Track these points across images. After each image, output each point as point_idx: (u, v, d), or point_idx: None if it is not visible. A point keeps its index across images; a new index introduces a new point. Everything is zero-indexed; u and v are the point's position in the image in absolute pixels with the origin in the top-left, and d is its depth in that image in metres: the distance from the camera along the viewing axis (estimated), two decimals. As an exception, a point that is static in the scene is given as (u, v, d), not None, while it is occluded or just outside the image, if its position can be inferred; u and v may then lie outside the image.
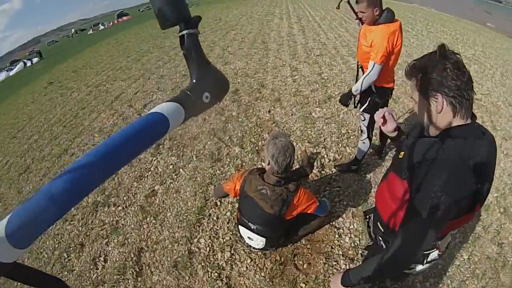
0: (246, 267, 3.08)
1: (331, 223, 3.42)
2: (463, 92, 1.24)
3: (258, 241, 2.81)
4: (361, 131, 3.71)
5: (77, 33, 62.65)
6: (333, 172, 4.19)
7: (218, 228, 3.55)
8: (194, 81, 0.70)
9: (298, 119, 5.55)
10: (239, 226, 2.93)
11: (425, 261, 1.62)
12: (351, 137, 4.88)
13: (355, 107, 3.56)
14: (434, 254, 1.60)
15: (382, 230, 1.71)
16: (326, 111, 5.74)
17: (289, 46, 10.90)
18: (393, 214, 1.51)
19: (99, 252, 3.59)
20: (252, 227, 2.72)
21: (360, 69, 3.48)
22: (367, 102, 3.41)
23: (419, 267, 1.65)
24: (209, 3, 45.95)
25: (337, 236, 3.30)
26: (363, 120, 3.58)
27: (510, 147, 4.76)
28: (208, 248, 3.33)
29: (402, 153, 1.48)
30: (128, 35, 23.26)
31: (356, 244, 3.17)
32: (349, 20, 15.64)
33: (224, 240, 3.39)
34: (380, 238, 1.76)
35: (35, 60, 30.04)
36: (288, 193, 2.48)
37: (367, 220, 2.01)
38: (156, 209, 4.00)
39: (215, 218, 3.68)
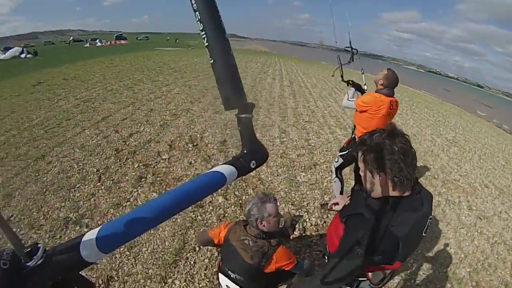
0: None
1: None
2: (405, 173, 1.40)
3: None
4: (331, 171, 4.52)
5: (74, 42, 62.49)
6: (314, 236, 4.27)
7: (194, 272, 3.51)
8: (245, 151, 0.91)
9: (283, 181, 5.68)
10: (219, 274, 2.95)
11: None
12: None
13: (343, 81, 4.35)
14: (365, 285, 1.72)
15: (327, 256, 1.99)
16: (311, 177, 5.91)
17: (279, 108, 11.31)
18: (334, 247, 1.62)
19: (63, 272, 3.45)
20: (232, 276, 2.74)
21: (354, 129, 4.26)
22: (347, 151, 4.24)
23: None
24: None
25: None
26: (336, 162, 4.41)
27: (484, 226, 5.11)
28: (183, 291, 3.27)
29: (348, 202, 1.76)
30: (123, 59, 23.42)
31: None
32: (338, 91, 16.37)
33: (200, 286, 3.36)
34: (326, 259, 2.07)
35: (29, 55, 29.49)
36: (269, 247, 2.57)
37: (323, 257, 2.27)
38: (131, 241, 3.89)
39: (192, 262, 3.64)
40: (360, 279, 1.71)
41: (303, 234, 4.33)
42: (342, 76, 4.50)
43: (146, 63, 22.14)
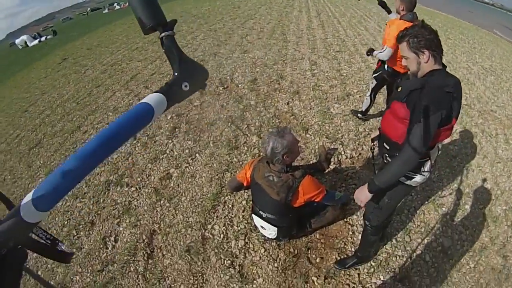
0: (260, 257, 3.14)
1: (345, 219, 3.46)
2: (440, 48, 1.95)
3: (270, 231, 2.90)
4: (368, 89, 4.87)
5: (92, 11, 62.97)
6: (350, 169, 4.23)
7: (233, 216, 3.61)
8: (175, 74, 0.80)
9: (316, 114, 5.59)
10: (253, 215, 3.03)
11: (422, 170, 2.16)
12: (368, 135, 4.90)
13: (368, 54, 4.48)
14: (427, 165, 2.15)
15: (388, 148, 2.28)
16: (345, 108, 5.76)
17: (308, 40, 10.88)
18: (397, 130, 2.09)
19: (109, 231, 3.67)
20: (263, 215, 2.82)
21: None
22: (378, 73, 4.53)
23: (418, 178, 2.19)
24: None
25: (350, 233, 3.36)
26: (372, 83, 4.72)
27: (522, 162, 4.78)
28: (222, 235, 3.39)
29: (400, 87, 2.11)
30: (144, 16, 23.22)
31: (369, 243, 3.20)
32: (368, 18, 15.60)
33: (239, 228, 3.45)
34: (387, 155, 2.32)
35: (49, 36, 30.20)
36: (294, 180, 2.57)
37: (372, 145, 2.63)
38: (170, 192, 4.07)
39: (230, 206, 3.74)
40: (424, 159, 2.13)
41: (339, 168, 4.28)
42: None
43: (167, 14, 21.45)
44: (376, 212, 2.53)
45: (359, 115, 5.26)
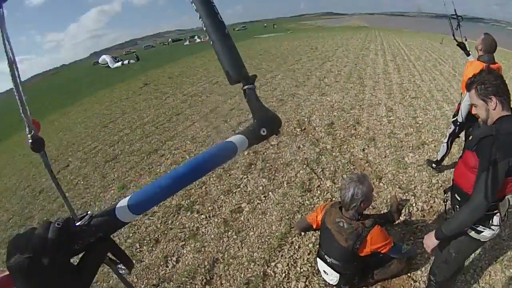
0: None
1: (409, 274, 3.32)
2: (507, 93, 1.96)
3: (332, 276, 2.88)
4: (445, 135, 4.88)
5: (173, 42, 66.75)
6: (420, 222, 4.09)
7: (297, 257, 3.60)
8: (255, 120, 0.96)
9: (390, 162, 5.50)
10: (317, 259, 3.04)
11: (490, 224, 2.13)
12: (441, 187, 4.70)
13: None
14: (496, 219, 2.12)
15: (459, 199, 2.29)
16: (419, 158, 5.60)
17: (384, 85, 10.87)
18: (469, 180, 2.06)
19: (173, 251, 3.83)
20: (328, 260, 2.81)
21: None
22: (456, 117, 4.48)
23: (487, 232, 2.16)
24: (304, 30, 47.11)
25: (412, 288, 3.26)
26: (450, 129, 4.66)
27: None
28: (283, 274, 3.40)
29: (471, 136, 2.15)
30: (224, 51, 24.31)
31: (429, 302, 3.06)
32: (443, 62, 15.26)
33: (301, 270, 3.44)
34: (457, 207, 2.34)
35: (132, 61, 32.38)
36: (363, 229, 2.57)
37: (445, 196, 2.68)
38: (239, 225, 4.17)
39: (296, 247, 3.74)
40: (492, 212, 2.10)
41: (409, 220, 4.16)
42: (456, 39, 4.80)
43: (247, 52, 23.11)
44: (442, 266, 2.54)
45: (433, 165, 5.14)
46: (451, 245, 2.41)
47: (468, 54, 4.65)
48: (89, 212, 0.68)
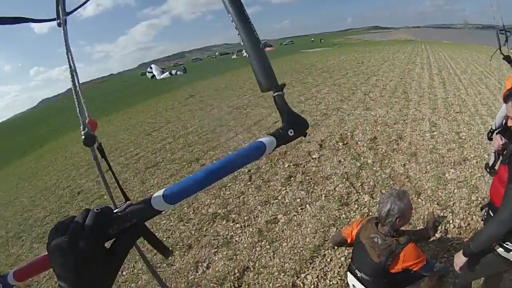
0: None
1: None
2: None
3: None
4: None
5: (221, 55, 68.18)
6: (456, 239, 3.96)
7: (328, 270, 3.57)
8: (283, 123, 0.97)
9: (431, 178, 5.37)
10: (348, 273, 2.99)
11: None
12: (480, 205, 4.51)
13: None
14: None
15: (493, 215, 2.22)
16: (460, 174, 5.46)
17: (429, 99, 10.65)
18: (502, 195, 1.97)
19: (204, 258, 3.87)
20: (358, 275, 2.77)
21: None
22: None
23: None
24: (350, 45, 46.83)
25: (442, 305, 3.13)
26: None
27: None
28: (312, 286, 3.37)
29: (505, 151, 2.12)
30: (272, 66, 24.65)
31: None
32: (489, 75, 14.74)
33: (331, 283, 3.40)
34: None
35: (179, 72, 33.34)
36: (397, 245, 2.50)
37: (483, 214, 2.57)
38: (273, 236, 4.17)
39: (328, 260, 3.70)
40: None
41: (444, 237, 4.03)
42: (502, 53, 4.50)
43: (294, 66, 23.32)
44: (469, 274, 2.53)
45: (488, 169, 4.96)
46: (481, 263, 2.32)
47: None
48: (128, 202, 0.73)
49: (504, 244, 2.07)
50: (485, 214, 2.45)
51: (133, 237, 0.73)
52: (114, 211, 0.69)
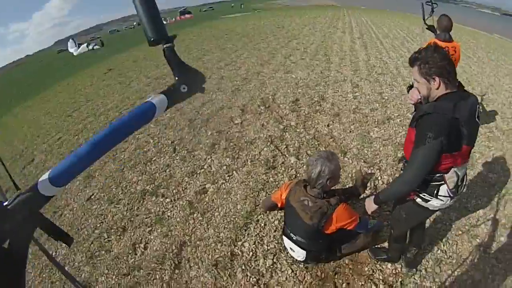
0: (286, 278, 3.18)
1: (376, 246, 3.43)
2: (452, 73, 1.96)
3: (299, 253, 2.95)
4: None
5: (139, 25, 65.64)
6: None
7: (264, 234, 3.68)
8: (175, 78, 0.99)
9: (355, 137, 5.61)
10: (283, 237, 3.11)
11: (437, 195, 2.20)
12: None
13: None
14: (443, 189, 2.16)
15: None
16: (384, 132, 5.75)
17: (351, 61, 11.03)
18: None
19: (140, 238, 3.85)
20: (294, 238, 2.88)
21: None
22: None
23: (434, 202, 2.23)
24: (271, 10, 46.87)
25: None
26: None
27: None
28: (251, 253, 3.47)
29: (414, 113, 2.20)
30: (190, 33, 24.38)
31: (397, 271, 3.17)
32: (411, 40, 15.64)
33: (268, 248, 3.51)
34: None
35: (97, 47, 31.72)
36: (328, 207, 2.61)
37: (402, 167, 2.68)
38: (204, 206, 4.21)
39: (262, 224, 3.82)
40: (438, 183, 2.16)
41: (374, 193, 4.21)
42: (426, 24, 5.02)
43: (213, 32, 22.93)
44: (395, 222, 2.79)
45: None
46: (402, 207, 2.55)
47: (436, 33, 4.80)
48: (16, 193, 0.69)
49: (421, 195, 2.26)
50: (403, 166, 2.61)
51: (28, 230, 0.71)
52: (4, 204, 0.67)
